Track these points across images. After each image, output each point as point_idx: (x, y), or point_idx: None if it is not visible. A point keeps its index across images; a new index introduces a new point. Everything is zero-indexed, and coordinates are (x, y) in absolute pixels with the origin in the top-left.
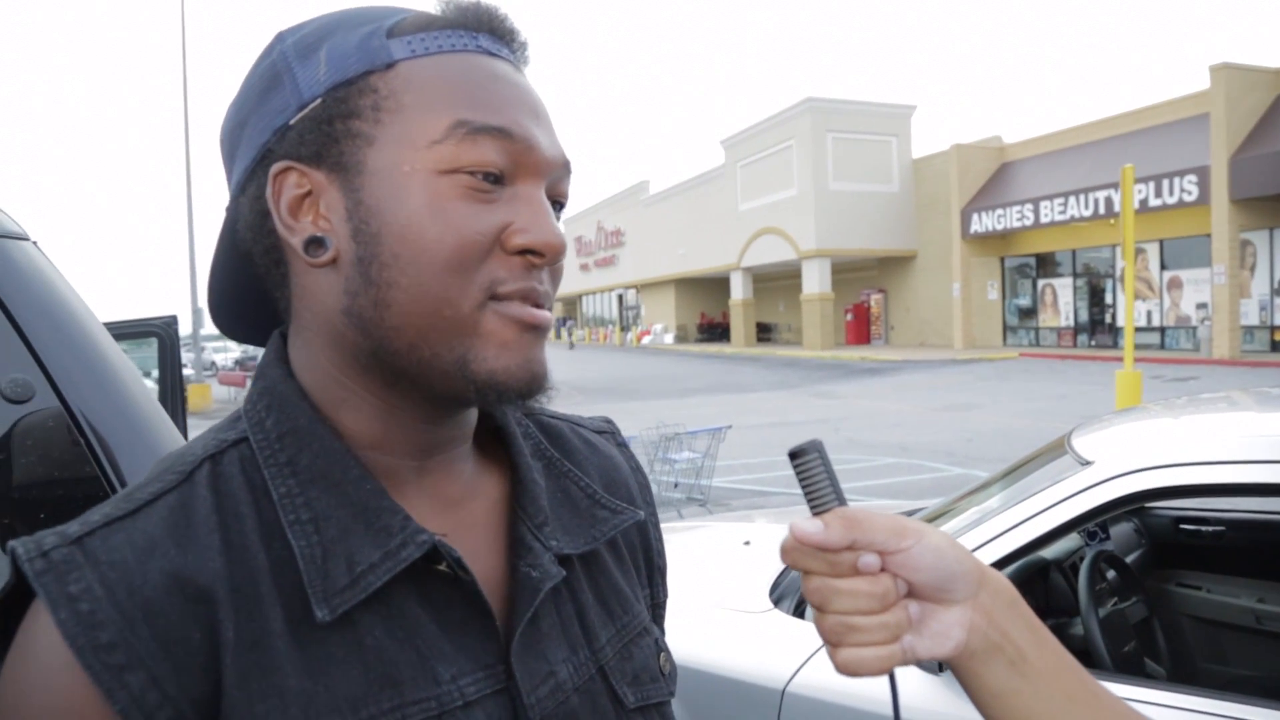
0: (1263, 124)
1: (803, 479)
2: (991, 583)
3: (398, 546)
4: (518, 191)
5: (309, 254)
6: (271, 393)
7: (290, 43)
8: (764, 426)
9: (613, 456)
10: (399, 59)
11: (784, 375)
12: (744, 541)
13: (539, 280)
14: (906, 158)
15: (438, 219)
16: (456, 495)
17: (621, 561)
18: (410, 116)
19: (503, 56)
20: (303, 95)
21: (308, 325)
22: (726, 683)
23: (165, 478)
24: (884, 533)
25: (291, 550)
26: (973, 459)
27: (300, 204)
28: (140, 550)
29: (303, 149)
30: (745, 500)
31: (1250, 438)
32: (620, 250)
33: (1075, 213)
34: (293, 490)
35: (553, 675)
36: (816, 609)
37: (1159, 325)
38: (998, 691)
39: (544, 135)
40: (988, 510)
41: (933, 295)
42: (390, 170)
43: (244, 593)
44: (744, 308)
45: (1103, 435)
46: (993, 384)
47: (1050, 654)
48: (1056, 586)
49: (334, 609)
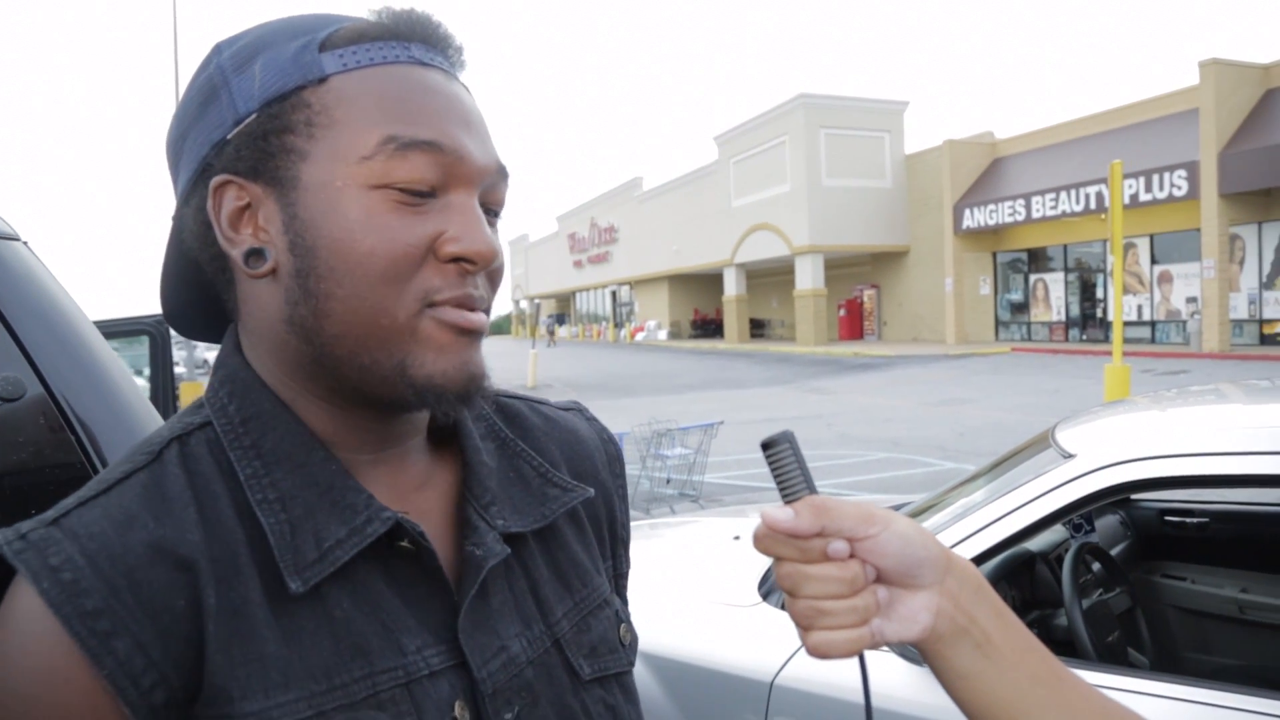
0: (1251, 119)
1: (774, 469)
2: (958, 568)
3: (363, 523)
4: (450, 201)
5: (249, 265)
6: (233, 380)
7: (227, 55)
8: (757, 422)
9: (577, 430)
10: (331, 73)
11: (777, 371)
12: (734, 536)
13: (474, 286)
14: (899, 153)
15: (370, 232)
16: (411, 484)
17: (583, 534)
18: (341, 132)
19: (435, 65)
20: (239, 110)
21: (253, 330)
22: (716, 675)
23: (134, 458)
24: (852, 519)
25: (261, 527)
26: (965, 453)
27: (240, 216)
28: (118, 523)
29: (240, 164)
30: (737, 496)
31: (1234, 430)
32: (614, 247)
33: (1066, 208)
34: (258, 471)
35: (504, 650)
36: (788, 594)
37: (1149, 319)
38: (964, 673)
39: (475, 144)
40: (973, 503)
41: (925, 290)
42: (323, 185)
43: (223, 563)
44: (737, 304)
45: (1086, 428)
46: (985, 379)
47: (1015, 637)
48: (1042, 578)
49: (306, 581)
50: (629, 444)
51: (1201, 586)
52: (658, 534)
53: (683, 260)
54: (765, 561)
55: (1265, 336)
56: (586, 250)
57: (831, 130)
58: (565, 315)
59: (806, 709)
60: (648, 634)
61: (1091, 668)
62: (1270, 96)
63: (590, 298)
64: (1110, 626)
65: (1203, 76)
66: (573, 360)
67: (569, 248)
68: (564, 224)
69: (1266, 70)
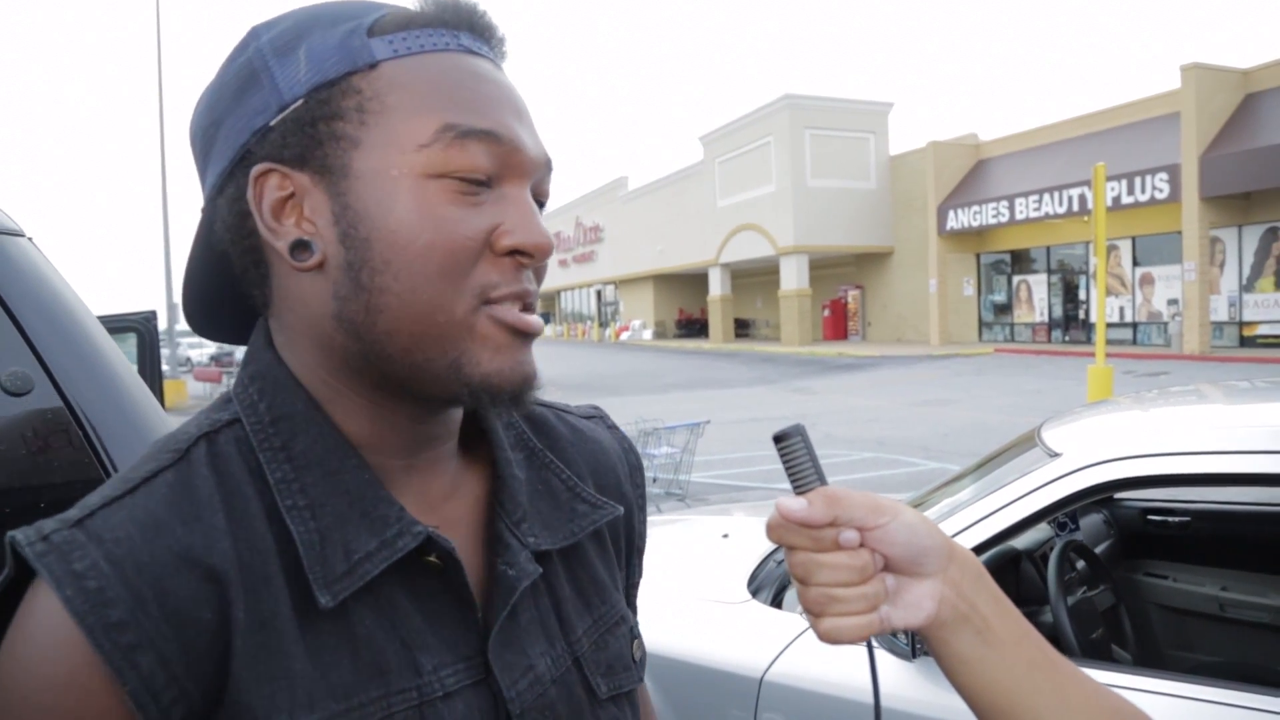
0: (1231, 123)
1: (786, 461)
2: (960, 557)
3: (394, 536)
4: (504, 193)
5: (295, 258)
6: (264, 377)
7: (266, 40)
8: (742, 422)
9: (600, 441)
10: (381, 59)
11: (762, 371)
12: (722, 534)
13: (529, 280)
14: (884, 155)
15: (428, 224)
16: (441, 493)
17: (604, 550)
18: (396, 119)
19: (484, 54)
20: (283, 96)
21: (291, 326)
22: (706, 672)
23: (160, 456)
24: (863, 509)
25: (290, 534)
26: (948, 453)
27: (283, 207)
28: (145, 527)
29: (285, 151)
30: (723, 494)
31: (1215, 430)
32: (599, 246)
33: (1050, 210)
34: (288, 475)
35: (531, 669)
36: (800, 582)
37: (1131, 321)
38: (965, 659)
39: (528, 136)
40: (960, 502)
41: (909, 291)
42: (378, 174)
43: (253, 571)
44: (722, 304)
45: (1071, 428)
46: (968, 379)
47: (1013, 624)
48: (1027, 576)
49: (335, 595)
50: None
51: (1183, 584)
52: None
53: (668, 260)
54: (754, 559)
55: (1245, 338)
56: (571, 249)
57: (816, 131)
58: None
59: (795, 704)
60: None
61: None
62: (1250, 101)
63: (575, 297)
64: (1094, 623)
65: (1184, 80)
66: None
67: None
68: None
69: (1246, 75)
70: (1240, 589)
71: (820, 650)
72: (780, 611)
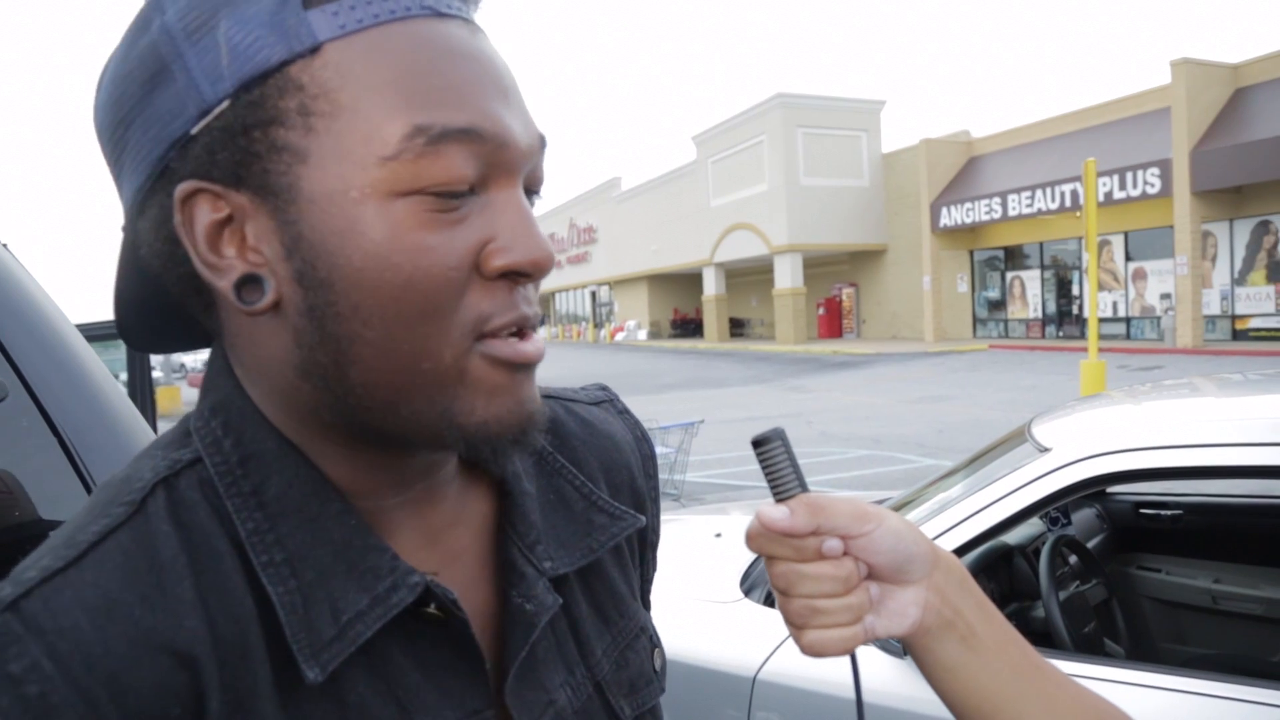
0: (1221, 118)
1: (766, 467)
2: (944, 563)
3: (387, 591)
4: (491, 199)
5: (243, 300)
6: (227, 408)
7: (173, 15)
8: (737, 421)
9: (613, 434)
10: (325, 39)
11: (757, 370)
12: (715, 534)
13: (526, 302)
14: (876, 152)
15: (402, 257)
16: (441, 524)
17: (620, 558)
18: (350, 123)
19: (453, 12)
20: (204, 95)
21: (248, 366)
22: (699, 672)
23: (111, 511)
24: (846, 517)
25: (269, 594)
26: (944, 450)
27: (220, 234)
28: (95, 611)
29: (214, 169)
30: (718, 494)
31: (1207, 423)
32: (593, 247)
33: (1042, 206)
34: (261, 526)
35: (552, 704)
36: (781, 593)
37: (1124, 316)
38: (950, 666)
39: (517, 121)
40: (951, 498)
41: (903, 289)
42: (334, 197)
43: (229, 648)
44: (717, 303)
45: (1061, 422)
46: (963, 376)
47: (997, 629)
48: (1020, 571)
49: (324, 666)
50: None
51: (1176, 578)
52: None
53: (662, 260)
54: (747, 558)
55: (1237, 332)
56: (565, 250)
57: (809, 129)
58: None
59: (789, 703)
60: None
61: (1069, 658)
62: (1240, 95)
63: (569, 298)
64: (1087, 617)
65: (1174, 76)
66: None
67: None
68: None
69: (1236, 69)
70: (1233, 581)
71: None
72: (773, 611)
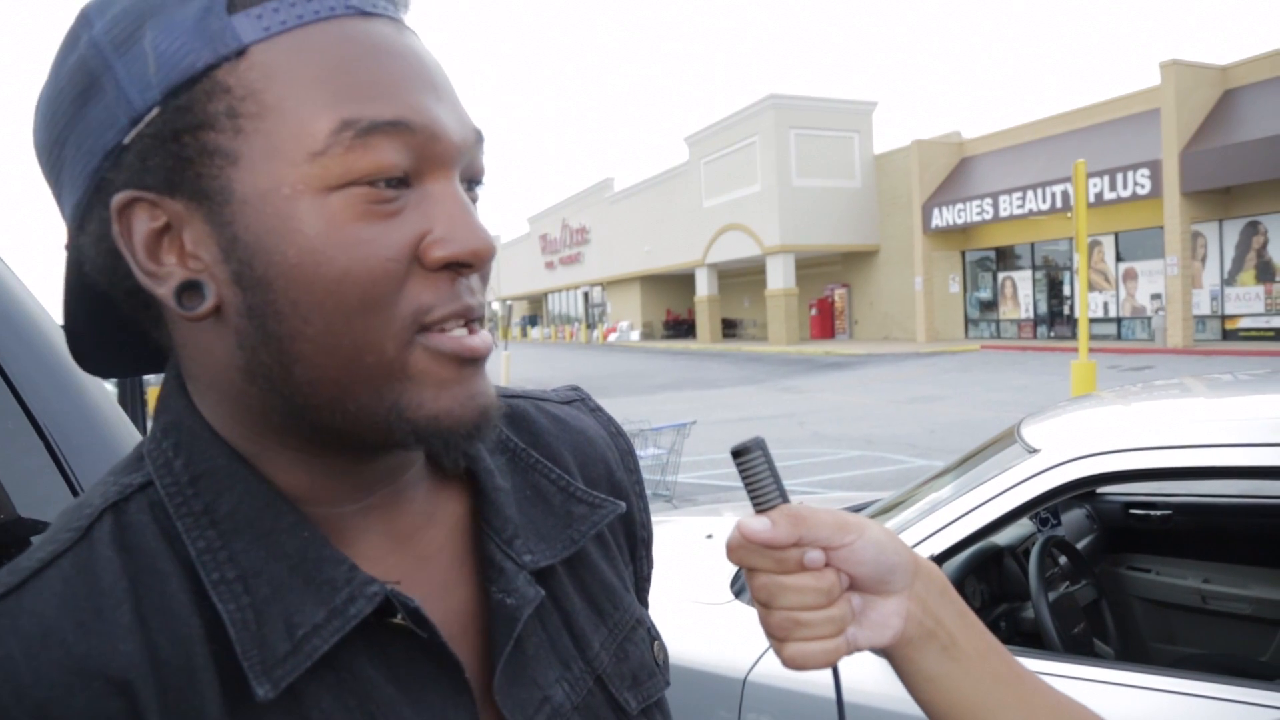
0: (1210, 119)
1: (746, 477)
2: (925, 572)
3: (344, 602)
4: (428, 190)
5: (184, 306)
6: (178, 428)
7: (100, 28)
8: (730, 422)
9: (585, 429)
10: (250, 42)
11: (750, 370)
12: (706, 535)
13: (469, 293)
14: (868, 153)
15: (337, 250)
16: (410, 526)
17: (607, 549)
18: (279, 122)
19: (379, 11)
20: (133, 104)
21: (198, 377)
22: (690, 673)
23: (58, 537)
24: (828, 528)
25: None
26: (935, 450)
27: (159, 242)
28: (28, 639)
29: (147, 176)
30: (710, 495)
31: (1197, 424)
32: (585, 248)
33: (1033, 206)
34: (213, 544)
35: (547, 701)
36: (763, 605)
37: (1115, 316)
38: (931, 675)
39: (449, 114)
40: (941, 499)
41: (895, 289)
42: (266, 196)
43: (171, 669)
44: (709, 304)
45: (1050, 423)
46: (955, 376)
47: (978, 638)
48: (1009, 572)
49: (276, 683)
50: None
51: (1165, 578)
52: None
53: (654, 261)
54: None
55: (1227, 332)
56: (558, 251)
57: (801, 130)
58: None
59: (779, 705)
60: None
61: (1058, 659)
62: (1228, 97)
63: (562, 299)
64: (1076, 618)
65: (1164, 77)
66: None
67: (540, 249)
68: (535, 225)
69: (1224, 71)
70: (1222, 581)
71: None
72: None
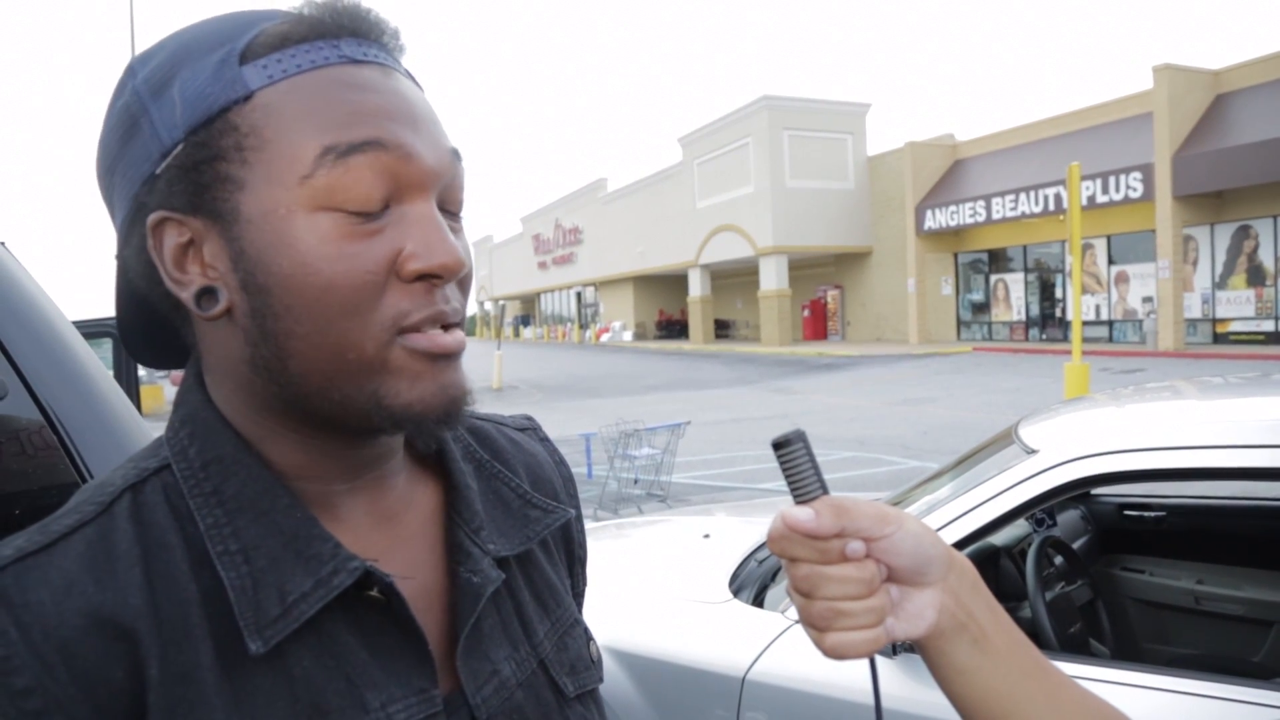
0: (1203, 123)
1: (787, 468)
2: (958, 565)
3: (329, 574)
4: (405, 212)
5: (200, 307)
6: (193, 420)
7: (142, 78)
8: (723, 422)
9: (536, 454)
10: (256, 88)
11: (742, 371)
12: (704, 535)
13: (444, 300)
14: (862, 155)
15: (325, 262)
16: (391, 509)
17: (550, 556)
18: (275, 152)
19: (370, 60)
20: (163, 141)
21: (214, 369)
22: (688, 672)
23: (83, 509)
24: (869, 519)
25: (219, 581)
26: (928, 452)
27: (184, 254)
28: (56, 590)
29: (174, 199)
30: (705, 495)
31: (1189, 425)
32: (578, 248)
33: (1026, 209)
34: (220, 520)
35: (496, 673)
36: (804, 595)
37: (1107, 319)
38: (962, 668)
39: (424, 143)
40: (939, 499)
41: (888, 291)
42: (266, 216)
43: (171, 625)
44: (702, 305)
45: (1048, 425)
46: (947, 378)
47: (1007, 632)
48: (1006, 572)
49: (267, 640)
50: (596, 445)
51: (1159, 579)
52: (626, 534)
53: (647, 261)
54: (735, 559)
55: (1218, 335)
56: (551, 251)
57: (795, 132)
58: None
59: (778, 703)
60: (621, 631)
61: (1055, 658)
62: (1220, 101)
63: (555, 299)
64: (1072, 618)
65: (1156, 81)
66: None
67: (533, 249)
68: (528, 225)
69: (1217, 75)
70: (1216, 582)
71: (802, 649)
72: (762, 611)
